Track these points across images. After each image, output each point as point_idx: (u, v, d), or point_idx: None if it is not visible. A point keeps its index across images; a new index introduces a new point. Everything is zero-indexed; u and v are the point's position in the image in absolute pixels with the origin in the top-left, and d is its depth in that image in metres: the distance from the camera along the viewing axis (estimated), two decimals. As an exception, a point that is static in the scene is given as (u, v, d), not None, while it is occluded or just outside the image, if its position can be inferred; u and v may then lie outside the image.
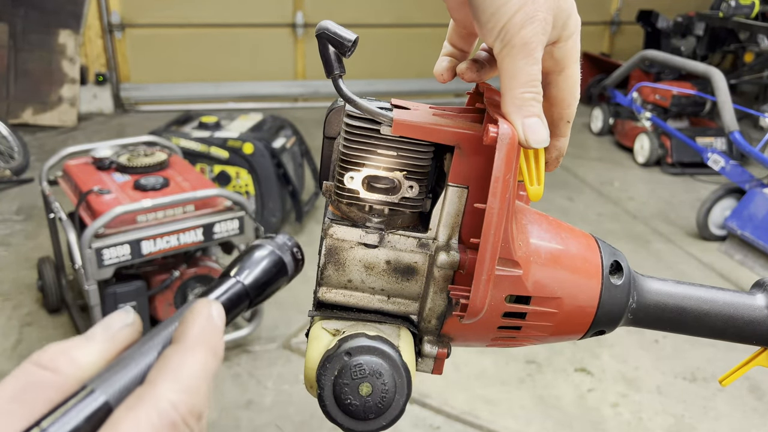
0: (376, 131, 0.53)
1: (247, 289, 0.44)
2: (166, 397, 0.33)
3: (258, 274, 0.45)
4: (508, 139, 0.49)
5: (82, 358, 0.35)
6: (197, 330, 0.37)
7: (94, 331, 0.37)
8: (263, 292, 0.45)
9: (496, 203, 0.49)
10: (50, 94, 6.17)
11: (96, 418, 0.32)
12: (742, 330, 0.63)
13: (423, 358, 0.60)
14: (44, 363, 0.34)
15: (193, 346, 0.36)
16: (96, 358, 0.35)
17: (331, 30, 0.49)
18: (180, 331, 0.37)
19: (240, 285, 0.44)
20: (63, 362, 0.34)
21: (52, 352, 0.34)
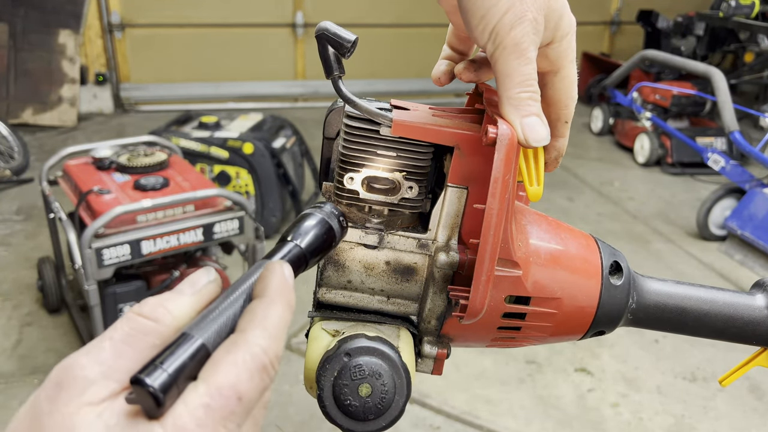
0: (375, 132, 0.53)
1: (305, 252, 0.47)
2: (257, 343, 0.38)
3: (312, 238, 0.48)
4: (507, 139, 0.49)
5: (176, 309, 0.40)
6: (276, 285, 0.42)
7: (182, 287, 0.42)
8: (316, 256, 0.49)
9: (496, 204, 0.49)
10: (50, 94, 6.17)
11: (198, 358, 0.37)
12: (741, 330, 0.63)
13: (423, 359, 0.60)
14: (146, 313, 0.39)
15: (274, 300, 0.41)
16: (188, 309, 0.40)
17: (330, 31, 0.49)
18: (261, 286, 0.42)
19: (298, 248, 0.47)
20: (161, 313, 0.39)
21: (151, 305, 0.39)
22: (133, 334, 0.38)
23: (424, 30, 7.43)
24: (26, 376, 2.78)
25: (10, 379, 2.77)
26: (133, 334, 0.38)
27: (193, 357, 0.37)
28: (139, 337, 0.38)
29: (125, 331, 0.38)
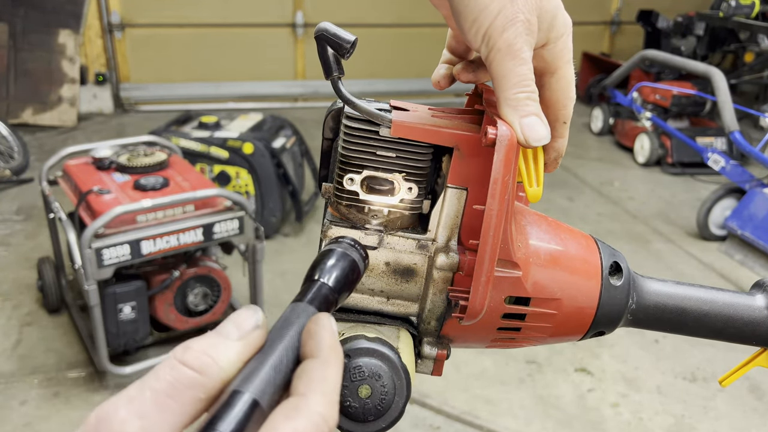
0: (375, 133, 0.53)
1: (334, 291, 0.46)
2: (318, 411, 0.36)
3: (340, 276, 0.47)
4: (507, 140, 0.49)
5: (223, 359, 0.37)
6: (329, 343, 0.40)
7: (228, 330, 0.39)
8: (344, 292, 0.47)
9: (496, 204, 0.49)
10: (50, 94, 6.18)
11: (254, 419, 0.35)
12: (741, 330, 0.63)
13: (422, 360, 0.60)
14: (190, 362, 0.36)
15: (329, 360, 0.39)
16: (234, 359, 0.37)
17: (329, 31, 0.49)
18: (313, 344, 0.39)
19: (327, 287, 0.46)
20: (207, 363, 0.36)
21: (196, 352, 0.36)
22: (177, 386, 0.35)
23: (424, 30, 7.43)
24: (26, 376, 2.78)
25: (10, 379, 2.77)
26: (177, 386, 0.35)
27: (249, 417, 0.34)
28: (184, 390, 0.35)
29: (168, 381, 0.35)
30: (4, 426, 2.52)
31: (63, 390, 2.70)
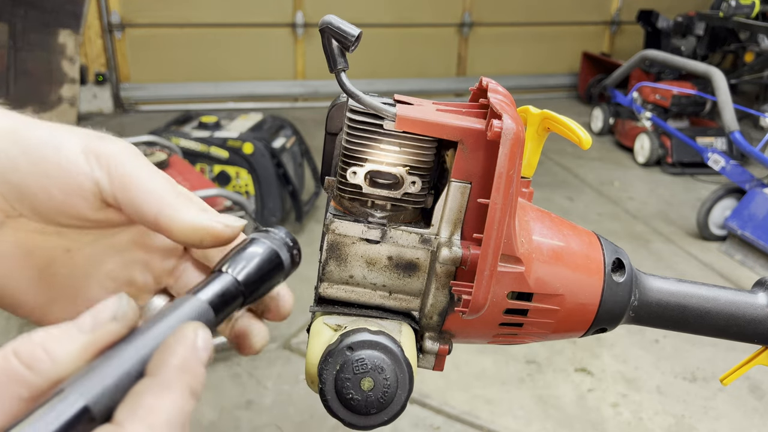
0: (379, 126, 0.53)
1: (241, 286, 0.41)
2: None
3: (252, 269, 0.42)
4: (513, 134, 0.49)
5: (60, 353, 0.32)
6: (177, 362, 0.33)
7: (83, 321, 0.34)
8: (258, 289, 0.43)
9: (500, 199, 0.49)
10: (50, 93, 6.17)
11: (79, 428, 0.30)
12: (743, 329, 0.63)
13: (424, 355, 0.60)
14: (22, 355, 0.31)
15: (169, 384, 0.33)
16: (75, 354, 0.33)
17: (334, 24, 0.49)
18: (158, 360, 0.34)
19: (233, 281, 0.41)
20: (40, 357, 0.32)
21: (32, 344, 0.32)
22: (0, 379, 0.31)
23: (424, 30, 7.43)
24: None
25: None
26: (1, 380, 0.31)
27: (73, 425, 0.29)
28: (7, 384, 0.31)
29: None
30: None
31: (63, 389, 2.70)
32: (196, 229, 0.44)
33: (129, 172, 0.44)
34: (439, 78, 7.66)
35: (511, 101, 0.56)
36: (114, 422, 0.31)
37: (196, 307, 0.38)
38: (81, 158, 0.43)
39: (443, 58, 7.64)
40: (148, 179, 0.44)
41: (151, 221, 0.44)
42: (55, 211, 0.44)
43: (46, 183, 0.43)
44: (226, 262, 0.42)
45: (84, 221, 0.45)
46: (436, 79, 7.63)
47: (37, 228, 0.45)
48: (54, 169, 0.43)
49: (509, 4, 7.59)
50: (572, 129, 0.64)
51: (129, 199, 0.43)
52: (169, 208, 0.43)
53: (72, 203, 0.44)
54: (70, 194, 0.43)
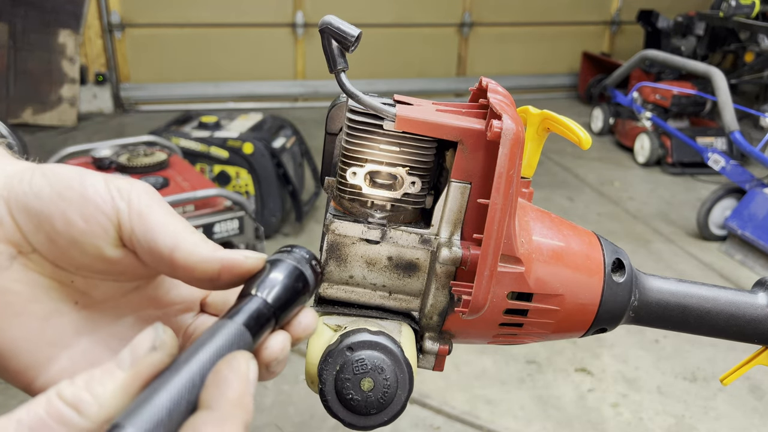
0: (378, 126, 0.53)
1: (273, 308, 0.41)
2: None
3: (281, 290, 0.42)
4: (512, 134, 0.49)
5: (105, 396, 0.32)
6: (234, 396, 0.34)
7: (122, 357, 0.34)
8: (287, 309, 0.42)
9: (500, 199, 0.49)
10: (50, 94, 6.17)
11: None
12: (743, 329, 0.63)
13: (424, 355, 0.60)
14: (67, 397, 0.32)
15: (227, 418, 0.33)
16: (120, 392, 0.33)
17: (334, 25, 0.49)
18: (215, 392, 0.33)
19: (264, 303, 0.40)
20: (84, 399, 0.32)
21: (76, 386, 0.32)
22: (47, 422, 0.31)
23: (424, 30, 7.43)
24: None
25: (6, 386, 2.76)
26: (46, 422, 0.31)
27: None
28: (54, 428, 0.31)
29: (38, 415, 0.31)
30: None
31: (63, 389, 2.70)
32: (214, 261, 0.42)
33: (148, 205, 0.43)
34: (439, 78, 7.66)
35: (510, 101, 0.56)
36: None
37: (236, 332, 0.37)
38: (103, 188, 0.43)
39: (443, 58, 7.64)
40: (165, 214, 0.43)
41: (167, 254, 0.42)
42: (72, 243, 0.42)
43: (66, 209, 0.42)
44: (254, 285, 0.42)
45: (99, 260, 0.43)
46: (436, 79, 7.63)
47: (48, 270, 0.44)
48: (77, 197, 0.42)
49: (509, 4, 7.59)
50: (572, 129, 0.64)
51: (145, 229, 0.42)
52: (186, 241, 0.43)
53: (92, 232, 0.42)
54: (91, 222, 0.42)
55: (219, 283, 0.43)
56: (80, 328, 0.45)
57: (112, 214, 0.42)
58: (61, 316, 0.44)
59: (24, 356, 0.43)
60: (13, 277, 0.42)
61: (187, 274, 0.43)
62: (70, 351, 0.45)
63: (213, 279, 0.43)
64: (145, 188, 0.44)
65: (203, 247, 0.43)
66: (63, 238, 0.42)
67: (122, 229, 0.43)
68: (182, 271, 0.43)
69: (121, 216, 0.43)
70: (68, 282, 0.45)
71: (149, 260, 0.43)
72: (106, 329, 0.47)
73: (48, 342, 0.44)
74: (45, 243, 0.43)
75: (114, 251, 0.43)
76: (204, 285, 0.44)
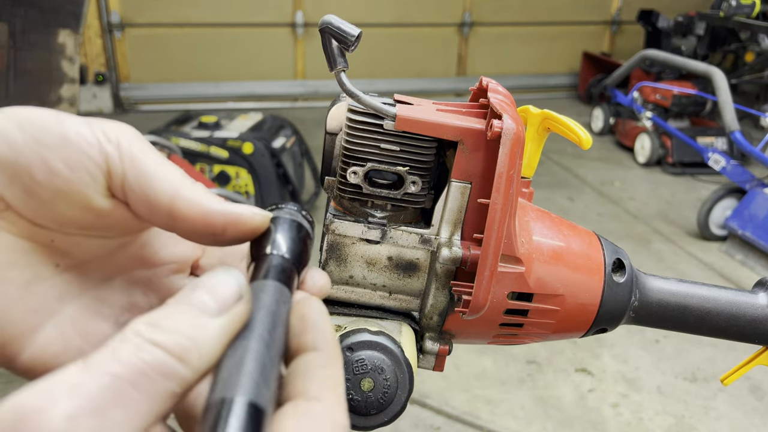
0: (379, 126, 0.53)
1: (293, 263, 0.39)
2: (338, 420, 0.31)
3: (293, 244, 0.40)
4: (513, 134, 0.49)
5: (205, 344, 0.30)
6: (332, 335, 0.35)
7: (204, 301, 0.31)
8: (302, 262, 0.41)
9: (500, 198, 0.49)
10: (49, 93, 6.16)
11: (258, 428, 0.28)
12: (743, 329, 0.63)
13: (424, 355, 0.59)
14: (167, 345, 0.28)
15: (336, 357, 0.34)
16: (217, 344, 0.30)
17: (334, 24, 0.49)
18: (316, 335, 0.34)
19: (285, 259, 0.39)
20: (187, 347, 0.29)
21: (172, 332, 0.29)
22: (149, 374, 0.27)
23: (424, 30, 7.43)
24: (26, 375, 2.78)
25: (9, 378, 2.77)
26: (148, 374, 0.27)
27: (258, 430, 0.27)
28: (157, 380, 0.28)
29: (136, 366, 0.27)
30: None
31: (63, 389, 2.70)
32: (219, 214, 0.38)
33: (140, 149, 0.38)
34: (439, 78, 7.66)
35: (511, 101, 0.56)
36: (307, 398, 0.31)
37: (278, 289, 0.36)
38: (87, 130, 0.38)
39: (443, 58, 7.64)
40: (160, 161, 0.39)
41: (165, 204, 0.37)
42: (55, 195, 0.37)
43: (47, 156, 0.36)
44: (267, 244, 0.39)
45: (86, 212, 0.38)
46: (436, 79, 7.63)
47: (24, 230, 0.38)
48: (57, 141, 0.36)
49: (509, 4, 7.59)
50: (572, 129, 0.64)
51: (140, 178, 0.37)
52: (188, 190, 0.38)
53: (78, 180, 0.37)
54: (76, 169, 0.36)
55: (222, 238, 0.39)
56: (63, 293, 0.40)
57: (100, 159, 0.37)
58: (42, 282, 0.39)
59: (5, 329, 0.37)
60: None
61: (188, 227, 0.38)
62: (55, 319, 0.40)
63: (216, 234, 0.39)
64: (134, 132, 0.40)
65: (207, 198, 0.38)
66: (44, 190, 0.36)
67: (112, 175, 0.37)
68: (182, 223, 0.38)
69: (110, 161, 0.37)
70: (47, 242, 0.39)
71: (143, 211, 0.38)
72: (92, 293, 0.42)
73: (30, 311, 0.38)
74: (21, 197, 0.36)
75: (103, 201, 0.38)
76: (204, 240, 0.39)
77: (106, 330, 0.42)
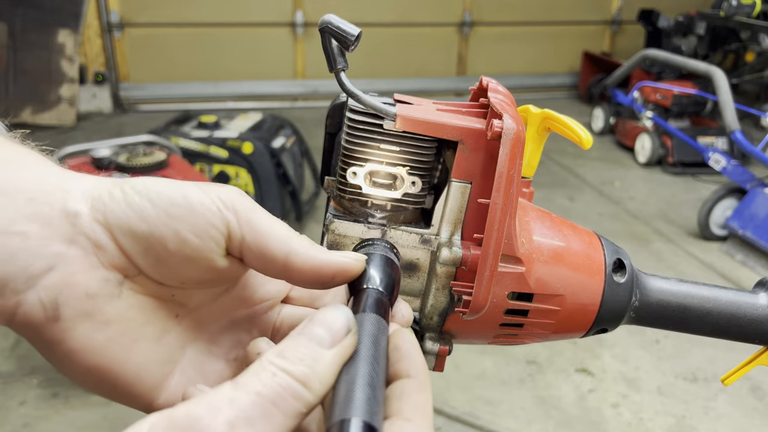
0: (379, 126, 0.53)
1: (387, 296, 0.44)
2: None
3: (387, 279, 0.45)
4: (513, 133, 0.49)
5: (323, 372, 0.34)
6: (423, 362, 0.39)
7: (320, 335, 0.36)
8: (394, 294, 0.45)
9: (501, 198, 0.49)
10: (49, 93, 6.17)
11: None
12: (744, 329, 0.62)
13: (425, 355, 0.59)
14: (294, 372, 0.34)
15: (426, 383, 0.38)
16: (331, 372, 0.35)
17: (334, 24, 0.49)
18: (410, 363, 0.38)
19: (381, 294, 0.43)
20: (309, 375, 0.34)
21: (297, 362, 0.34)
22: (283, 395, 0.33)
23: (424, 29, 7.43)
24: (25, 376, 2.78)
25: (9, 379, 2.77)
26: (282, 395, 0.33)
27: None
28: (289, 401, 0.33)
29: (274, 388, 0.33)
30: (3, 426, 2.52)
31: (62, 390, 2.70)
32: (329, 266, 0.43)
33: (253, 213, 0.43)
34: (439, 77, 7.66)
35: (511, 101, 0.56)
36: (401, 418, 0.35)
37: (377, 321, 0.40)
38: (208, 200, 0.42)
39: (443, 58, 7.64)
40: (270, 219, 0.43)
41: (280, 262, 0.42)
42: (184, 261, 0.42)
43: (177, 227, 0.41)
44: (364, 281, 0.44)
45: (208, 272, 0.43)
46: (436, 79, 7.63)
47: (152, 290, 0.43)
48: (185, 214, 0.41)
49: (510, 4, 7.59)
50: (573, 129, 0.64)
51: (257, 240, 0.42)
52: (300, 247, 0.43)
53: (204, 247, 0.42)
54: (203, 237, 0.41)
55: (330, 284, 0.44)
56: (184, 341, 0.46)
57: (222, 226, 0.42)
58: (169, 333, 0.45)
59: (146, 380, 0.43)
60: (125, 304, 0.42)
61: (301, 278, 0.43)
62: (180, 365, 0.46)
63: (325, 282, 0.44)
64: (241, 193, 0.44)
65: (317, 252, 0.43)
66: (175, 258, 0.42)
67: (232, 238, 0.42)
68: (297, 274, 0.43)
69: (230, 226, 0.42)
70: (169, 297, 0.45)
71: (258, 266, 0.44)
72: (205, 336, 0.48)
73: (163, 361, 0.44)
74: (153, 264, 0.42)
75: (223, 261, 0.43)
76: (314, 286, 0.45)
77: (220, 367, 0.48)
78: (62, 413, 2.59)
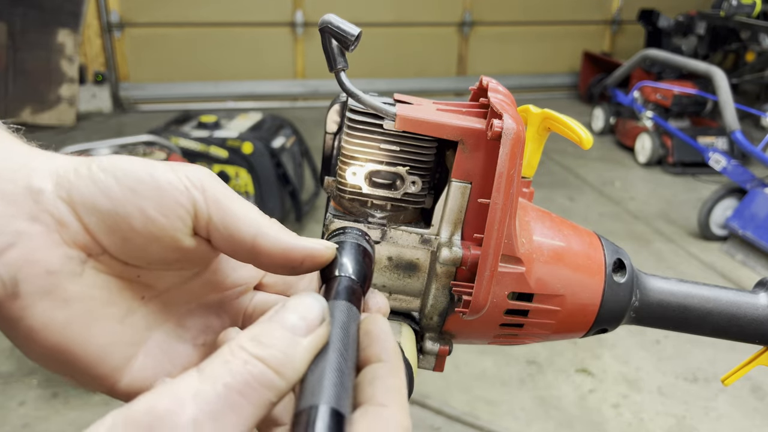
0: (378, 126, 0.53)
1: (360, 283, 0.43)
2: (403, 423, 0.34)
3: (359, 267, 0.44)
4: (513, 133, 0.49)
5: (298, 360, 0.34)
6: (395, 347, 0.38)
7: (294, 323, 0.35)
8: (367, 282, 0.45)
9: (501, 198, 0.49)
10: (49, 93, 6.17)
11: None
12: (744, 329, 0.62)
13: (424, 355, 0.59)
14: (269, 360, 0.33)
15: (399, 367, 0.38)
16: (305, 359, 0.34)
17: (334, 24, 0.49)
18: (380, 348, 0.38)
19: (353, 281, 0.43)
20: (284, 362, 0.33)
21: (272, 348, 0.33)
22: (253, 385, 0.32)
23: (424, 29, 7.43)
24: (25, 376, 2.78)
25: (9, 379, 2.76)
26: (252, 385, 0.32)
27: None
28: (259, 390, 0.32)
29: (244, 377, 0.32)
30: (3, 427, 2.52)
31: (62, 391, 2.70)
32: (297, 250, 0.43)
33: (222, 193, 0.42)
34: (439, 77, 7.66)
35: (511, 101, 0.56)
36: (375, 404, 0.35)
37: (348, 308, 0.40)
38: (176, 178, 0.41)
39: (443, 58, 7.64)
40: (240, 203, 0.43)
41: (248, 243, 0.42)
42: (150, 240, 0.41)
43: (144, 205, 0.40)
44: (335, 268, 0.44)
45: (174, 252, 0.42)
46: (436, 79, 7.63)
47: (117, 269, 0.43)
48: (151, 191, 0.41)
49: (510, 3, 7.59)
50: (573, 129, 0.64)
51: (224, 220, 0.42)
52: (269, 229, 0.42)
53: (170, 225, 0.41)
54: (169, 215, 0.41)
55: (299, 270, 0.44)
56: (150, 323, 0.45)
57: (188, 205, 0.41)
58: (133, 314, 0.44)
59: (109, 361, 0.42)
60: (88, 283, 0.41)
61: (269, 261, 0.43)
62: (146, 347, 0.45)
63: (294, 266, 0.43)
64: (211, 174, 0.43)
65: (286, 236, 0.43)
66: (141, 236, 0.41)
67: (198, 218, 0.42)
68: (265, 257, 0.43)
69: (197, 205, 0.41)
70: (135, 277, 0.44)
71: (226, 248, 0.43)
72: (173, 319, 0.47)
73: (127, 342, 0.43)
74: (118, 243, 0.41)
75: (189, 241, 0.42)
76: (282, 271, 0.44)
77: (187, 352, 0.47)
78: (62, 413, 2.59)
